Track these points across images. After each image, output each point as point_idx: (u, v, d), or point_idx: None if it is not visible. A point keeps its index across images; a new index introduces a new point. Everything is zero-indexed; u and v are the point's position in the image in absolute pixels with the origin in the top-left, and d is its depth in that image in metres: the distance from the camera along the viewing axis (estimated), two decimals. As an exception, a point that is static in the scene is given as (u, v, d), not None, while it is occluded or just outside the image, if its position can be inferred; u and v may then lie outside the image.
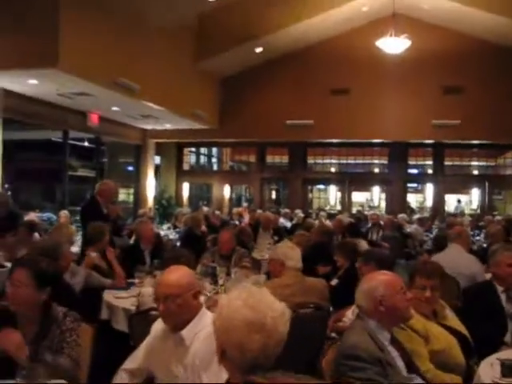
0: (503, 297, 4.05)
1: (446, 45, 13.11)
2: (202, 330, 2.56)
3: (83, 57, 8.80)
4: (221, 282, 4.94)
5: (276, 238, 8.81)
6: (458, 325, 3.51)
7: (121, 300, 4.66)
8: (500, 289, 4.08)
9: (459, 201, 18.27)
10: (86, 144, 15.86)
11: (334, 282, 4.99)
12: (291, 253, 4.12)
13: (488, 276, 4.61)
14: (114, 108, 11.81)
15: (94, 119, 12.28)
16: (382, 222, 11.06)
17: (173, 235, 11.00)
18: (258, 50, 13.19)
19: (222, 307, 1.83)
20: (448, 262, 5.24)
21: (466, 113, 13.06)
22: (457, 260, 5.35)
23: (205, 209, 15.36)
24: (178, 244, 9.02)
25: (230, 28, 12.24)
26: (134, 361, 2.85)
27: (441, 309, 3.53)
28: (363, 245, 7.07)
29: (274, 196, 20.57)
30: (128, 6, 9.66)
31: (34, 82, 9.25)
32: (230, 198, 19.06)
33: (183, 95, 12.49)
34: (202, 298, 4.46)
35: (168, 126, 14.52)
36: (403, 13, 12.44)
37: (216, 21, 12.31)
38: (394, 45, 10.70)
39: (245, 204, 18.08)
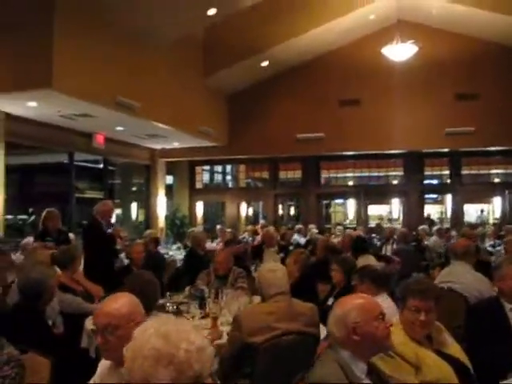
0: (511, 315, 3.65)
1: (457, 49, 12.72)
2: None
3: (79, 76, 8.61)
4: (210, 305, 4.62)
5: (282, 254, 8.49)
6: (458, 351, 3.13)
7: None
8: (508, 306, 3.68)
9: (482, 211, 17.74)
10: (99, 165, 15.75)
11: (331, 301, 4.65)
12: (272, 277, 3.76)
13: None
14: (119, 128, 11.63)
15: (99, 140, 12.12)
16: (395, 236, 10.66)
17: (182, 255, 10.72)
18: (264, 63, 12.94)
19: (136, 335, 1.56)
20: (453, 280, 4.88)
21: (481, 119, 12.61)
22: (462, 279, 4.91)
23: (218, 227, 15.13)
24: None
25: (234, 43, 12.03)
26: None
27: (437, 334, 3.14)
28: (370, 260, 6.72)
29: (292, 212, 20.22)
30: (128, 22, 9.47)
31: (33, 104, 9.10)
32: (247, 216, 18.76)
33: (189, 112, 12.28)
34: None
35: (176, 145, 14.32)
36: (410, 19, 12.12)
37: (220, 36, 12.11)
38: (400, 51, 10.36)
39: (262, 221, 17.71)
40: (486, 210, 17.83)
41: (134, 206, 16.94)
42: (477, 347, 3.43)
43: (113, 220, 8.41)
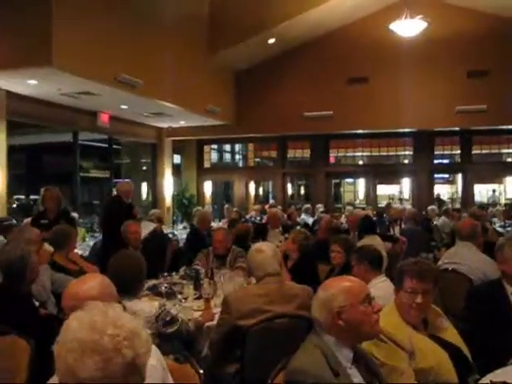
0: (513, 298, 3.49)
1: (466, 25, 12.34)
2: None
3: (80, 53, 8.40)
4: (205, 286, 4.50)
5: (286, 235, 8.34)
6: (455, 336, 2.98)
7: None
8: (510, 289, 3.51)
9: (494, 190, 17.51)
10: (105, 144, 15.68)
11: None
12: (261, 258, 3.61)
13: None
14: (123, 106, 11.46)
15: (104, 119, 11.95)
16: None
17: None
18: (271, 40, 12.68)
19: (62, 328, 1.44)
20: (458, 262, 4.73)
21: (492, 97, 12.26)
22: (467, 260, 4.73)
23: (226, 206, 15.07)
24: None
25: (241, 19, 11.78)
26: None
27: (434, 318, 2.99)
28: (376, 241, 6.56)
29: (302, 191, 20.10)
30: (131, -1, 9.31)
31: (33, 82, 8.93)
32: (256, 195, 18.65)
33: (195, 91, 12.04)
34: (175, 307, 4.07)
35: (183, 123, 14.14)
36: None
37: (226, 12, 11.88)
38: (408, 27, 10.07)
39: (272, 201, 17.63)
40: (497, 190, 17.60)
41: (142, 185, 16.89)
42: (477, 331, 3.29)
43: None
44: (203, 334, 3.83)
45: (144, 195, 16.82)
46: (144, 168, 16.57)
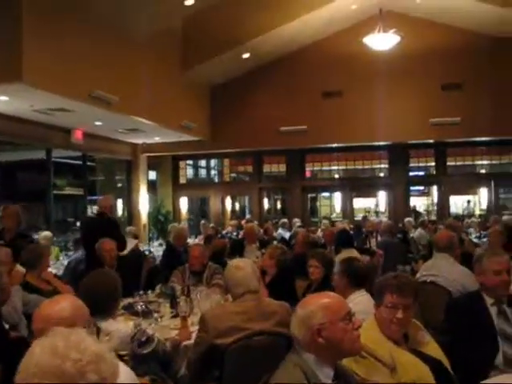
0: (493, 310, 3.44)
1: (440, 39, 12.53)
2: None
3: (52, 69, 8.30)
4: (181, 304, 4.40)
5: (263, 250, 8.28)
6: (436, 350, 2.95)
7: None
8: (489, 301, 3.49)
9: (469, 201, 17.67)
10: (79, 161, 15.48)
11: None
12: (240, 275, 3.53)
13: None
14: (98, 123, 11.33)
15: (77, 135, 11.80)
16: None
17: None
18: (245, 55, 12.71)
19: (26, 354, 1.39)
20: (436, 274, 4.71)
21: (466, 109, 12.46)
22: (445, 272, 4.71)
23: (202, 222, 14.95)
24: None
25: (214, 34, 11.75)
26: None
27: (415, 332, 2.96)
28: (353, 254, 6.53)
29: (279, 206, 20.05)
30: (103, 13, 9.19)
31: (4, 98, 8.80)
32: (233, 210, 18.56)
33: (170, 106, 11.99)
34: (151, 326, 3.98)
35: (158, 139, 14.05)
36: (393, 9, 11.94)
37: (200, 27, 11.84)
38: (382, 41, 10.17)
39: (248, 216, 17.56)
40: (472, 201, 17.77)
41: (117, 202, 16.70)
42: (457, 343, 3.26)
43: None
44: (180, 353, 3.74)
45: (119, 212, 16.64)
46: (119, 185, 16.38)
